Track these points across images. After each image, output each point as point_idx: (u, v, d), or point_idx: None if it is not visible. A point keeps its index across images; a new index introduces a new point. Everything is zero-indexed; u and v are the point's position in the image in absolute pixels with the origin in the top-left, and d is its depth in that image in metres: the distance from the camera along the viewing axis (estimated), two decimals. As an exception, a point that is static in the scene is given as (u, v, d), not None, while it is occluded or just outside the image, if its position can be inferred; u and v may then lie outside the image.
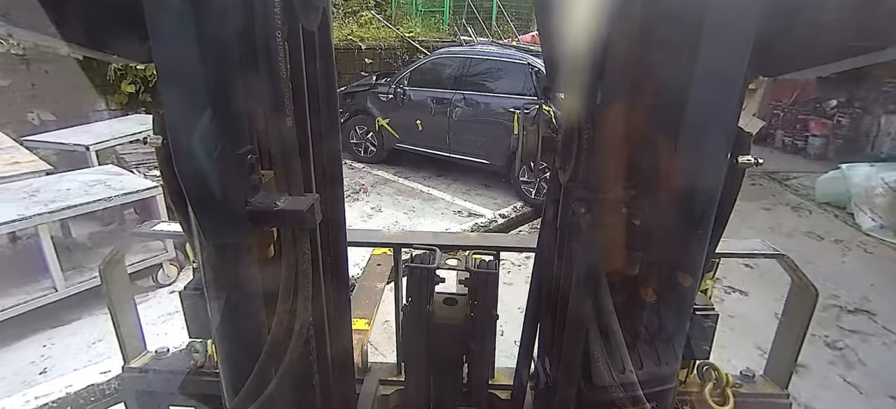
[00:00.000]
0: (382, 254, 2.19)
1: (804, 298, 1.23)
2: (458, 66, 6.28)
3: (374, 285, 2.25)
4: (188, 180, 0.70)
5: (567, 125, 0.91)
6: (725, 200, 0.79)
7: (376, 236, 1.78)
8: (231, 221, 0.74)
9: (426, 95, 6.35)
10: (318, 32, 0.87)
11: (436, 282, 1.21)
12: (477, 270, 1.19)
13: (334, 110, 0.98)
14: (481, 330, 1.20)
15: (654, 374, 0.91)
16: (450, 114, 6.15)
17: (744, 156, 0.78)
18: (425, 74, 6.55)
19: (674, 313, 0.89)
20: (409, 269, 1.18)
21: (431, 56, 6.81)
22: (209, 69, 0.65)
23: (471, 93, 6.07)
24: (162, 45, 0.63)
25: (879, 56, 0.62)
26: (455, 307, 1.25)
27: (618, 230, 0.84)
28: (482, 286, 1.18)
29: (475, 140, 6.09)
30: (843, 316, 3.74)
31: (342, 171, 1.06)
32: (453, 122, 6.15)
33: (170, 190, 0.79)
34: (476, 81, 6.17)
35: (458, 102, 6.11)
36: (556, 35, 0.83)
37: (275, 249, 0.86)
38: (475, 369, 1.26)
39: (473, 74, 6.17)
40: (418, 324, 1.19)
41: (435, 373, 1.28)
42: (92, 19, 0.65)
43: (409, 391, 1.34)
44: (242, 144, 0.74)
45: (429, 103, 6.30)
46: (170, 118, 0.67)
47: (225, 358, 0.89)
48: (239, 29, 0.70)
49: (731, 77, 0.67)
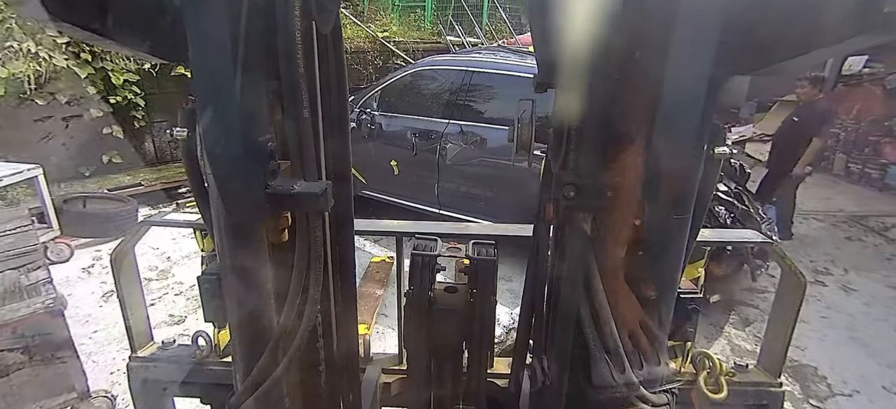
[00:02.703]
0: (381, 261, 2.52)
1: (793, 287, 1.26)
2: (451, 83, 4.32)
3: (373, 291, 3.09)
4: (215, 164, 0.78)
5: (558, 118, 0.95)
6: (704, 189, 0.85)
7: (379, 225, 1.65)
8: (252, 202, 0.80)
9: (404, 124, 4.37)
10: (330, 35, 0.95)
11: (437, 270, 1.28)
12: (477, 257, 1.25)
13: (344, 109, 1.04)
14: (481, 315, 1.26)
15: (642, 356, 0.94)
16: (440, 153, 4.20)
17: (720, 147, 0.82)
18: (403, 94, 4.56)
19: (659, 296, 0.92)
20: (412, 256, 1.25)
21: (413, 67, 4.75)
22: (237, 66, 0.73)
23: (472, 124, 4.12)
24: (198, 44, 0.73)
25: (843, 49, 0.65)
26: (455, 294, 1.30)
27: (605, 213, 0.88)
28: (482, 273, 1.24)
29: (478, 194, 4.15)
30: None
31: (350, 167, 1.09)
32: (445, 165, 4.20)
33: (192, 180, 0.91)
34: (478, 106, 4.22)
35: (451, 137, 4.16)
36: (548, 33, 0.89)
37: (289, 235, 0.90)
38: (475, 353, 1.30)
39: (474, 96, 4.22)
40: (420, 310, 1.25)
41: (436, 359, 1.32)
42: (135, 21, 0.73)
43: (410, 376, 1.42)
44: (263, 133, 0.81)
45: (408, 137, 4.33)
46: (201, 109, 0.76)
47: (238, 339, 0.93)
48: (263, 30, 0.78)
49: (699, 73, 0.73)
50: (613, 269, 0.90)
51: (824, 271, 4.36)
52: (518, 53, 4.61)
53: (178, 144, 0.88)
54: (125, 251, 1.32)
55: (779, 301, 1.33)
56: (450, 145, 4.13)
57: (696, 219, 0.86)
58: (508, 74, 4.05)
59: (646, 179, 0.81)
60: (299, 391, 1.03)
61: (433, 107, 4.38)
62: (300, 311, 0.89)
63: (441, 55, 4.91)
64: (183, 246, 4.50)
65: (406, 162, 4.34)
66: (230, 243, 0.85)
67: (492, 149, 4.00)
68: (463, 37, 8.36)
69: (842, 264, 4.48)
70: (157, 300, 3.72)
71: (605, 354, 0.89)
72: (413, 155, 4.32)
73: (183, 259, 4.28)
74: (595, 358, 0.90)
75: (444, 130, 4.16)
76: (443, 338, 1.27)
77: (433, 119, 4.29)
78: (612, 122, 0.83)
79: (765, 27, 0.67)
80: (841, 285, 4.12)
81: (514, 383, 1.29)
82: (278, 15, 0.78)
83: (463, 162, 4.11)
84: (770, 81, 9.83)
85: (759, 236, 1.39)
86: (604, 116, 0.83)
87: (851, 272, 4.32)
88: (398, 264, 1.52)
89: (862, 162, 6.89)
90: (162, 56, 0.82)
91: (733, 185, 3.92)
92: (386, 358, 1.60)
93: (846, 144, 7.30)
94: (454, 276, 1.39)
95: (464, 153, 4.09)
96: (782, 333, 1.29)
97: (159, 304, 3.68)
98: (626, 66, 0.79)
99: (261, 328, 0.89)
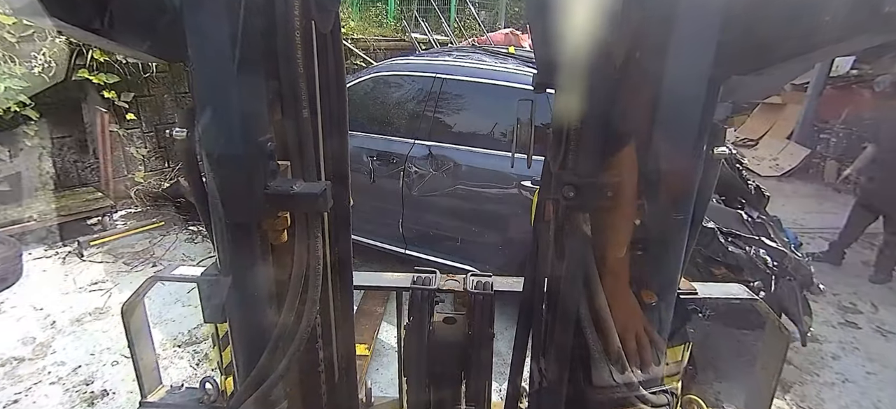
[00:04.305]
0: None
1: (778, 342, 1.28)
2: (417, 93, 3.49)
3: (374, 309, 2.90)
4: (215, 164, 0.79)
5: (558, 118, 0.95)
6: (703, 190, 0.85)
7: (378, 279, 1.54)
8: (251, 202, 0.80)
9: (360, 144, 3.50)
10: (329, 34, 0.95)
11: (436, 302, 1.30)
12: (474, 291, 1.27)
13: (343, 109, 1.05)
14: (479, 347, 1.26)
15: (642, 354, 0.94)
16: (404, 180, 3.37)
17: (718, 148, 0.82)
18: (359, 106, 3.68)
19: (658, 296, 0.91)
20: (412, 290, 1.27)
21: (370, 73, 3.85)
22: (237, 65, 0.73)
23: (443, 145, 3.31)
24: (198, 44, 0.73)
25: (843, 48, 0.65)
26: (454, 326, 1.31)
27: (604, 213, 0.87)
28: (479, 306, 1.25)
29: (455, 229, 3.35)
30: None
31: (349, 168, 1.11)
32: (411, 196, 3.38)
33: (191, 181, 0.90)
34: (451, 122, 3.41)
35: (418, 161, 3.34)
36: (547, 33, 0.88)
37: (288, 235, 0.90)
38: (473, 384, 1.31)
39: (446, 109, 3.40)
40: (419, 342, 1.25)
41: (435, 388, 1.33)
42: (134, 21, 0.74)
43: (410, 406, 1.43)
44: (262, 133, 0.80)
45: (364, 159, 3.47)
46: (200, 109, 0.76)
47: (237, 339, 0.95)
48: (263, 30, 0.78)
49: (698, 73, 0.73)
50: (613, 269, 0.90)
51: (851, 307, 3.78)
52: (495, 55, 3.83)
53: (178, 147, 0.87)
54: (135, 304, 1.33)
55: (764, 355, 1.34)
56: (417, 172, 3.31)
57: (695, 219, 0.87)
58: (487, 82, 3.25)
59: (645, 180, 0.82)
60: (298, 392, 1.07)
61: (396, 123, 3.54)
62: (299, 311, 0.89)
63: (405, 57, 4.02)
64: (77, 304, 3.50)
65: (362, 190, 3.48)
66: (229, 244, 0.86)
67: (468, 175, 3.20)
68: (430, 34, 7.54)
69: (867, 297, 3.93)
70: (22, 395, 2.72)
71: (604, 354, 0.89)
72: (371, 182, 3.47)
73: (71, 326, 3.28)
74: (595, 359, 0.90)
75: (409, 153, 3.33)
76: (442, 369, 1.30)
77: (395, 138, 3.46)
78: (612, 122, 0.83)
79: (765, 27, 0.67)
80: (874, 327, 3.56)
81: (513, 384, 1.29)
82: (278, 15, 0.79)
83: (432, 192, 3.29)
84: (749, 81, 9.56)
85: (744, 291, 1.36)
86: (603, 116, 0.83)
87: (882, 309, 3.76)
88: (398, 320, 1.49)
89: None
90: (162, 56, 0.84)
91: (755, 213, 3.26)
92: (386, 404, 1.64)
93: (837, 149, 6.91)
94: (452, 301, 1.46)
95: (433, 182, 3.28)
96: (766, 385, 1.31)
97: (24, 402, 2.68)
98: (626, 67, 0.79)
99: (260, 329, 0.90)
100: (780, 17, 0.64)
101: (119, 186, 5.16)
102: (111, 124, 4.86)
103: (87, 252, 4.23)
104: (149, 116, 5.24)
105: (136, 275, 3.91)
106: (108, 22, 0.68)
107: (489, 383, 1.32)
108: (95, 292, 3.70)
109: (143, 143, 5.27)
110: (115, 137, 4.98)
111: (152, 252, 4.31)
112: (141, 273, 3.95)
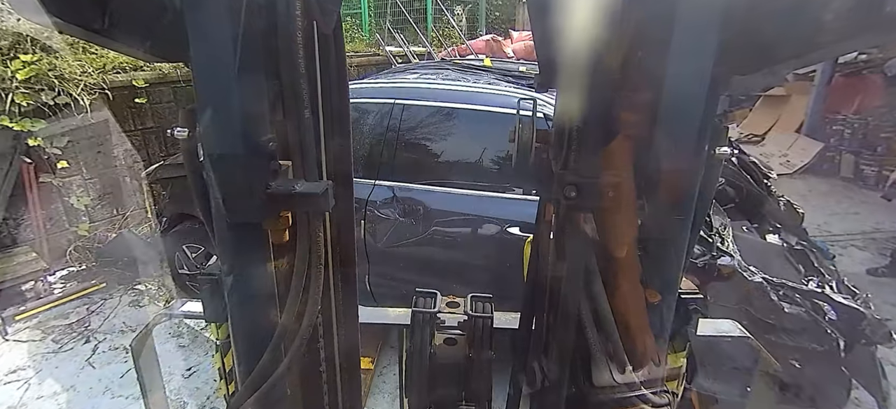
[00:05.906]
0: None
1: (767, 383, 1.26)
2: (377, 123, 2.92)
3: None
4: (217, 165, 0.78)
5: (559, 117, 0.95)
6: (705, 190, 0.84)
7: (383, 315, 1.55)
8: (253, 202, 0.80)
9: (313, 187, 2.93)
10: (331, 35, 0.93)
11: (437, 324, 1.29)
12: (474, 313, 1.26)
13: (345, 109, 1.03)
14: (478, 368, 1.26)
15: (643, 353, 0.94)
16: (367, 229, 2.80)
17: (721, 148, 0.81)
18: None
19: (659, 297, 0.91)
20: (413, 313, 1.27)
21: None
22: (239, 66, 0.73)
23: (409, 185, 2.74)
24: (199, 45, 0.73)
25: (844, 48, 0.66)
26: (455, 347, 1.31)
27: (605, 213, 0.87)
28: (479, 328, 1.24)
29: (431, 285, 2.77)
30: None
31: (352, 168, 1.10)
32: (375, 247, 2.80)
33: (192, 180, 0.87)
34: (418, 157, 2.84)
35: (382, 206, 2.76)
36: (548, 34, 0.88)
37: (289, 235, 0.90)
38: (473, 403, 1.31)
39: (412, 139, 2.83)
40: (421, 365, 1.25)
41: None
42: (135, 21, 0.73)
43: None
44: (264, 133, 0.80)
45: (320, 206, 2.89)
46: (201, 109, 0.76)
47: (238, 339, 0.94)
48: (264, 30, 0.78)
49: (699, 73, 0.72)
50: (614, 269, 0.90)
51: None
52: (467, 70, 3.27)
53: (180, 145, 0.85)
54: (144, 340, 1.28)
55: (756, 391, 1.26)
56: (383, 220, 2.74)
57: (696, 219, 0.86)
58: (457, 106, 2.68)
59: (646, 180, 0.82)
60: (300, 392, 1.06)
61: (359, 157, 2.97)
62: (301, 311, 0.90)
63: (358, 80, 3.39)
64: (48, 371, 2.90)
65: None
66: (231, 244, 0.86)
67: (442, 220, 2.63)
68: (406, 47, 7.01)
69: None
70: None
71: (605, 354, 0.88)
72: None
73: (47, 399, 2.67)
74: (595, 359, 0.89)
75: (369, 197, 2.76)
76: (443, 390, 1.29)
77: (357, 177, 2.89)
78: (613, 122, 0.83)
79: (765, 27, 0.67)
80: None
81: (514, 384, 1.27)
82: (279, 15, 0.78)
83: (401, 242, 2.72)
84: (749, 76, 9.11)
85: (737, 327, 1.27)
86: (605, 116, 0.83)
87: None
88: (400, 356, 1.45)
89: (878, 164, 5.94)
90: (162, 56, 0.83)
91: (794, 239, 2.71)
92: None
93: (853, 142, 6.37)
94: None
95: (402, 230, 2.71)
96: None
97: None
98: (627, 67, 0.79)
99: (261, 328, 0.90)
100: (781, 16, 0.65)
101: (60, 243, 4.58)
102: (42, 174, 4.28)
103: (13, 329, 3.63)
104: (90, 159, 4.66)
105: (62, 358, 3.32)
106: (109, 22, 0.69)
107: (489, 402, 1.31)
108: (12, 384, 3.11)
109: (85, 191, 4.69)
110: (49, 187, 4.40)
111: (88, 323, 3.72)
112: (69, 353, 3.36)
